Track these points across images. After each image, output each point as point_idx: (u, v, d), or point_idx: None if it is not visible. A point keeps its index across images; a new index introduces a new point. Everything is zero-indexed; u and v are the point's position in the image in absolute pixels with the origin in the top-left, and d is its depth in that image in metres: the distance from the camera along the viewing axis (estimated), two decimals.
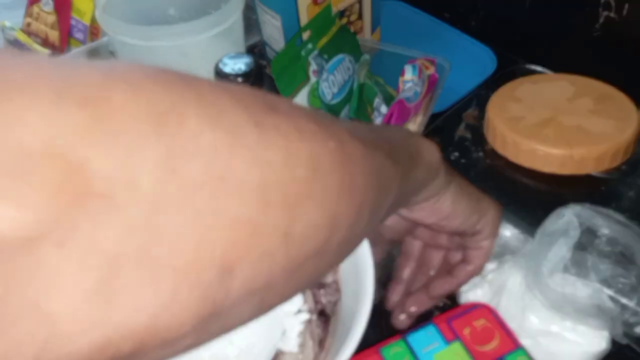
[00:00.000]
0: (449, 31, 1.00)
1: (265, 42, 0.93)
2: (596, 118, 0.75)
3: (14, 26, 0.98)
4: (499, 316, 0.53)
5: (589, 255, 0.56)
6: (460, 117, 0.85)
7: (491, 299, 0.60)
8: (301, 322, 0.57)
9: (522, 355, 0.50)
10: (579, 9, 0.85)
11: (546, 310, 0.56)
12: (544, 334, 0.56)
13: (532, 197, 0.75)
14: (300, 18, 0.84)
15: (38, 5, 0.95)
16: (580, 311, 0.53)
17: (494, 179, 0.77)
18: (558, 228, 0.56)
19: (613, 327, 0.54)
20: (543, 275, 0.54)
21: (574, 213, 0.56)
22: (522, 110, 0.78)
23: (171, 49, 0.76)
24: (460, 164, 0.79)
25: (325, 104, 0.73)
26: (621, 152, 0.72)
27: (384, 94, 0.79)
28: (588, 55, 0.88)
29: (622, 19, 0.81)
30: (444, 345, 0.50)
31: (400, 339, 0.51)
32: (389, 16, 1.00)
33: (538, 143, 0.73)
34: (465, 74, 0.89)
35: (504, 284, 0.59)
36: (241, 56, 0.72)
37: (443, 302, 0.65)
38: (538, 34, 0.93)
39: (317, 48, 0.73)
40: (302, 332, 0.57)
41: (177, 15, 0.89)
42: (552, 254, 0.55)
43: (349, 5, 0.87)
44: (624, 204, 0.72)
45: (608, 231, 0.57)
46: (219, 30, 0.76)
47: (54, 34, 0.93)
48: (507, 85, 0.82)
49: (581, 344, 0.55)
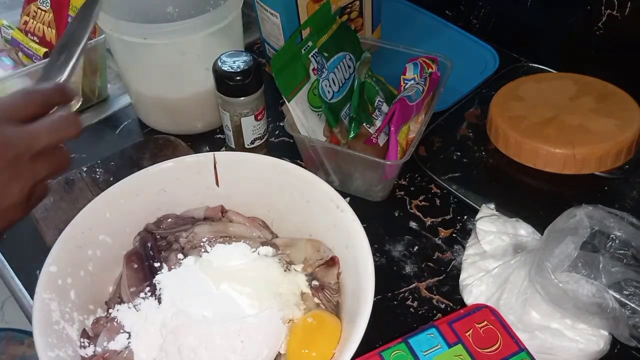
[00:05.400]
0: (451, 29, 0.99)
1: (265, 40, 0.92)
2: (599, 117, 0.74)
3: (11, 25, 0.97)
4: (501, 318, 0.52)
5: (600, 257, 0.55)
6: (462, 116, 0.84)
7: (494, 292, 0.59)
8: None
9: (525, 357, 0.49)
10: (582, 7, 0.84)
11: (547, 306, 0.56)
12: (542, 329, 0.56)
13: (534, 196, 0.74)
14: (299, 16, 0.83)
15: (35, 4, 0.94)
16: (580, 308, 0.53)
17: (496, 179, 0.77)
18: (568, 226, 0.56)
19: (616, 327, 0.54)
20: (546, 269, 0.54)
21: (585, 213, 0.56)
22: (524, 109, 0.77)
23: (169, 46, 0.76)
24: (463, 163, 0.78)
25: (326, 103, 0.72)
26: (624, 152, 0.72)
27: (385, 92, 0.78)
28: (590, 53, 0.87)
29: (624, 17, 0.80)
30: (446, 348, 0.50)
31: (401, 342, 0.50)
32: (390, 14, 0.99)
33: (540, 142, 0.72)
34: (467, 72, 0.89)
35: (507, 278, 0.59)
36: (240, 54, 0.72)
37: (445, 304, 0.64)
38: (540, 33, 0.92)
39: (317, 46, 0.72)
40: None
41: (176, 13, 0.88)
42: (558, 251, 0.54)
43: (349, 3, 0.87)
44: (628, 203, 0.71)
45: (620, 233, 0.56)
46: (218, 28, 0.75)
47: (51, 33, 0.92)
48: (510, 84, 0.82)
49: (579, 342, 0.55)
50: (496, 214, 0.66)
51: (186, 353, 0.52)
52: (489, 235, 0.63)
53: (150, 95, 0.83)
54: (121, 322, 0.57)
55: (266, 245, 0.62)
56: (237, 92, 0.71)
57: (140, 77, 0.82)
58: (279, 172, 0.63)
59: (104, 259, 0.60)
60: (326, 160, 0.73)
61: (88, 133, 0.88)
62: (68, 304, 0.55)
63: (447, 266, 0.68)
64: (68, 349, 0.52)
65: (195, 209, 0.66)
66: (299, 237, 0.64)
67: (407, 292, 0.66)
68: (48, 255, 0.55)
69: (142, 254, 0.62)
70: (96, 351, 0.55)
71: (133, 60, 0.81)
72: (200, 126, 0.85)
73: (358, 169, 0.72)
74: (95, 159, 0.80)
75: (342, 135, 0.73)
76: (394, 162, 0.69)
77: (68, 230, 0.58)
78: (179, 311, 0.55)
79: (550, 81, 0.82)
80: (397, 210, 0.74)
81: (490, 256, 0.63)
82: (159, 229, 0.65)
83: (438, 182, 0.76)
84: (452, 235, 0.71)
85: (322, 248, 0.61)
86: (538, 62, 0.90)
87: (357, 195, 0.75)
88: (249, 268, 0.59)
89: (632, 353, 0.58)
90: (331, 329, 0.54)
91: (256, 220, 0.66)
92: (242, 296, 0.57)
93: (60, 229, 0.58)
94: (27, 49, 0.93)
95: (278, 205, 0.65)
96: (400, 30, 1.00)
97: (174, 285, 0.58)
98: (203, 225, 0.64)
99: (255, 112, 0.73)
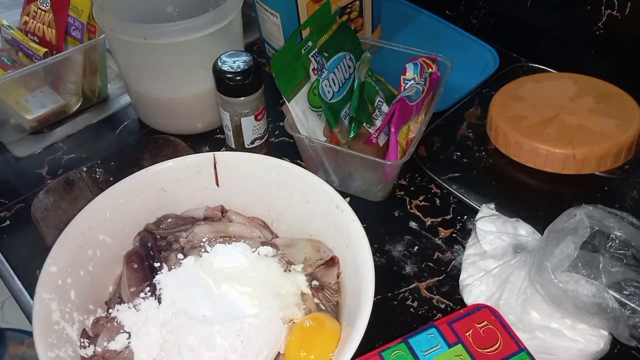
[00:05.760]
0: (451, 29, 0.99)
1: (265, 40, 0.92)
2: (598, 117, 0.74)
3: (11, 25, 0.97)
4: (501, 318, 0.52)
5: (600, 257, 0.55)
6: (462, 116, 0.84)
7: (494, 292, 0.59)
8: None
9: (525, 357, 0.49)
10: (582, 7, 0.84)
11: (547, 306, 0.56)
12: (543, 329, 0.56)
13: (534, 196, 0.74)
14: (299, 16, 0.83)
15: (35, 4, 0.94)
16: (580, 308, 0.53)
17: (496, 179, 0.77)
18: (568, 226, 0.56)
19: (616, 327, 0.54)
20: (546, 269, 0.54)
21: (585, 213, 0.56)
22: (524, 109, 0.77)
23: (169, 47, 0.76)
24: (462, 163, 0.78)
25: (326, 103, 0.72)
26: (624, 152, 0.72)
27: (385, 92, 0.78)
28: (590, 53, 0.87)
29: (624, 17, 0.80)
30: (446, 348, 0.50)
31: (401, 342, 0.50)
32: (390, 14, 0.99)
33: (540, 142, 0.72)
34: (467, 72, 0.89)
35: (507, 278, 0.59)
36: (240, 54, 0.72)
37: (445, 304, 0.64)
38: (540, 32, 0.92)
39: (317, 46, 0.72)
40: None
41: (176, 13, 0.88)
42: (558, 251, 0.54)
43: (349, 3, 0.87)
44: (628, 203, 0.71)
45: (620, 233, 0.56)
46: (218, 28, 0.75)
47: (51, 32, 0.92)
48: (510, 84, 0.82)
49: (579, 342, 0.55)
50: (496, 214, 0.66)
51: (186, 353, 0.52)
52: (489, 235, 0.63)
53: (150, 95, 0.83)
54: (121, 322, 0.57)
55: (266, 245, 0.62)
56: (237, 92, 0.71)
57: (140, 77, 0.82)
58: (278, 172, 0.63)
59: (104, 259, 0.60)
60: (326, 160, 0.73)
61: (88, 133, 0.89)
62: (68, 304, 0.55)
63: (447, 266, 0.68)
64: (68, 349, 0.52)
65: (195, 209, 0.66)
66: (299, 237, 0.64)
67: (407, 292, 0.66)
68: (48, 255, 0.55)
69: (142, 254, 0.62)
70: (96, 351, 0.55)
71: (133, 60, 0.81)
72: (200, 126, 0.85)
73: (358, 169, 0.72)
74: (95, 159, 0.80)
75: (342, 135, 0.73)
76: (394, 162, 0.69)
77: (68, 230, 0.58)
78: (179, 311, 0.55)
79: (550, 81, 0.82)
80: (397, 210, 0.74)
81: (490, 256, 0.63)
82: (159, 229, 0.65)
83: (438, 182, 0.76)
84: (452, 235, 0.71)
85: (322, 248, 0.61)
86: (538, 62, 0.91)
87: (357, 195, 0.75)
88: (249, 268, 0.59)
89: (632, 353, 0.58)
90: (330, 332, 0.54)
91: (256, 220, 0.66)
92: (242, 296, 0.57)
93: (60, 229, 0.58)
94: (27, 49, 0.93)
95: (278, 205, 0.65)
96: (400, 30, 1.00)
97: (174, 285, 0.58)
98: (203, 225, 0.64)
99: (255, 112, 0.73)
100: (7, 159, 0.85)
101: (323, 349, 0.53)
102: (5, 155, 0.86)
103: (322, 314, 0.57)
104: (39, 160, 0.84)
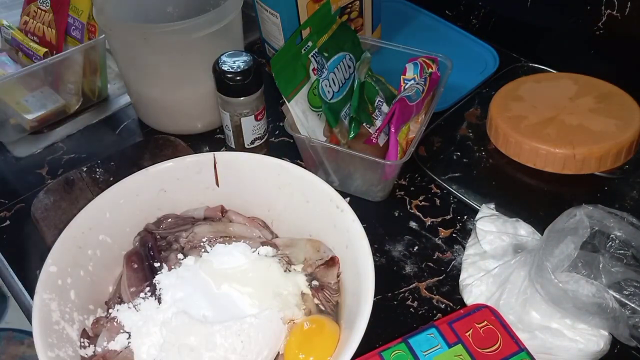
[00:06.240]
0: (451, 29, 0.99)
1: (265, 40, 0.92)
2: (598, 117, 0.74)
3: (11, 25, 0.97)
4: (501, 318, 0.52)
5: (600, 257, 0.55)
6: (462, 116, 0.84)
7: (494, 292, 0.59)
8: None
9: (525, 357, 0.49)
10: (582, 7, 0.84)
11: (547, 306, 0.56)
12: (543, 329, 0.56)
13: (534, 196, 0.74)
14: (299, 16, 0.83)
15: (35, 4, 0.94)
16: (580, 308, 0.53)
17: (496, 179, 0.77)
18: (568, 226, 0.56)
19: (616, 327, 0.54)
20: (546, 269, 0.54)
21: (585, 213, 0.56)
22: (524, 109, 0.77)
23: (169, 47, 0.76)
24: (462, 163, 0.78)
25: (326, 103, 0.72)
26: (624, 152, 0.72)
27: (385, 92, 0.78)
28: (590, 53, 0.87)
29: (624, 17, 0.80)
30: (446, 348, 0.50)
31: (401, 342, 0.50)
32: (390, 14, 0.99)
33: (540, 142, 0.72)
34: (467, 72, 0.89)
35: (507, 278, 0.59)
36: (240, 54, 0.72)
37: (445, 304, 0.64)
38: (540, 32, 0.92)
39: (317, 46, 0.72)
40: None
41: (176, 13, 0.88)
42: (558, 251, 0.54)
43: (349, 3, 0.87)
44: (628, 203, 0.71)
45: (620, 233, 0.56)
46: (218, 28, 0.75)
47: (51, 33, 0.92)
48: (510, 84, 0.82)
49: (579, 342, 0.55)
50: (496, 214, 0.66)
51: (186, 353, 0.52)
52: (489, 235, 0.63)
53: (150, 96, 0.83)
54: (121, 322, 0.56)
55: (266, 245, 0.62)
56: (237, 92, 0.71)
57: (140, 77, 0.82)
58: (278, 172, 0.63)
59: (104, 259, 0.60)
60: (326, 160, 0.73)
61: (88, 133, 0.89)
62: (68, 304, 0.55)
63: (447, 266, 0.68)
64: (68, 349, 0.52)
65: (195, 209, 0.66)
66: (299, 237, 0.64)
67: (407, 292, 0.66)
68: (48, 255, 0.55)
69: (142, 254, 0.62)
70: (96, 351, 0.55)
71: (133, 60, 0.81)
72: (200, 126, 0.85)
73: (358, 169, 0.72)
74: (95, 159, 0.80)
75: (342, 135, 0.73)
76: (394, 162, 0.69)
77: (68, 230, 0.58)
78: (179, 311, 0.55)
79: (550, 81, 0.82)
80: (397, 210, 0.74)
81: (490, 256, 0.63)
82: (159, 229, 0.65)
83: (438, 182, 0.76)
84: (452, 235, 0.71)
85: (322, 248, 0.61)
86: (538, 62, 0.91)
87: (357, 195, 0.75)
88: (249, 268, 0.59)
89: (632, 353, 0.58)
90: (329, 335, 0.54)
91: (256, 220, 0.66)
92: (242, 296, 0.57)
93: (60, 229, 0.58)
94: (27, 49, 0.93)
95: (278, 205, 0.65)
96: (400, 30, 1.00)
97: (174, 285, 0.58)
98: (203, 225, 0.64)
99: (255, 112, 0.73)
100: (7, 159, 0.85)
101: (321, 351, 0.53)
102: (5, 155, 0.86)
103: (321, 316, 0.57)
104: (39, 160, 0.84)
